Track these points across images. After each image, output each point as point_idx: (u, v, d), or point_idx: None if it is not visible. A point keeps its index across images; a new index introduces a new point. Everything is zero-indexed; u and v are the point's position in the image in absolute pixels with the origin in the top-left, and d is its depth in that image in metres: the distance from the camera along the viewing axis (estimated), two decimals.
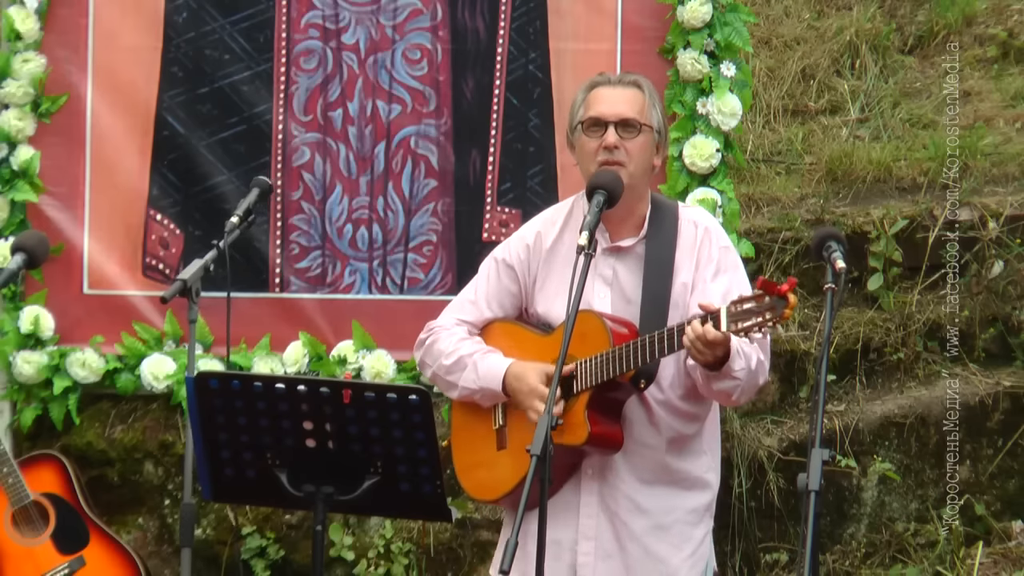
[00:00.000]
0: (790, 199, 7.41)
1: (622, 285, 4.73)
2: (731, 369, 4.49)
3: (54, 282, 6.61)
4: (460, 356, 4.82)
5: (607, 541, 4.69)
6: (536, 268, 4.83)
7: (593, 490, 4.71)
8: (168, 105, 6.65)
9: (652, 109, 4.75)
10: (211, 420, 4.43)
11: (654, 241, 4.72)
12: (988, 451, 6.76)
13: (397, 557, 6.65)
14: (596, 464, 4.70)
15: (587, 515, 4.70)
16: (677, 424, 4.71)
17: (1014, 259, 6.99)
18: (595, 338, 4.58)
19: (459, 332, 4.89)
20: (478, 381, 4.78)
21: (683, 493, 4.74)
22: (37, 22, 6.59)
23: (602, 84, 4.79)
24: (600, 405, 4.61)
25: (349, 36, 6.64)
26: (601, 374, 4.56)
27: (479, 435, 4.87)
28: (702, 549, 4.76)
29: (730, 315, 4.34)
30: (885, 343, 6.94)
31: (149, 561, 6.61)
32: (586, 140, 4.73)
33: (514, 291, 4.88)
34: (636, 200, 4.75)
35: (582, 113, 4.76)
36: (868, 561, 6.68)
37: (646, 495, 4.70)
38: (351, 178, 6.65)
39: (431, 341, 4.92)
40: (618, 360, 4.53)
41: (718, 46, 6.46)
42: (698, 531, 4.75)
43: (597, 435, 4.59)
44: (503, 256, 4.90)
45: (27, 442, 6.71)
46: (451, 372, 4.84)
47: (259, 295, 6.62)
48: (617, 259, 4.75)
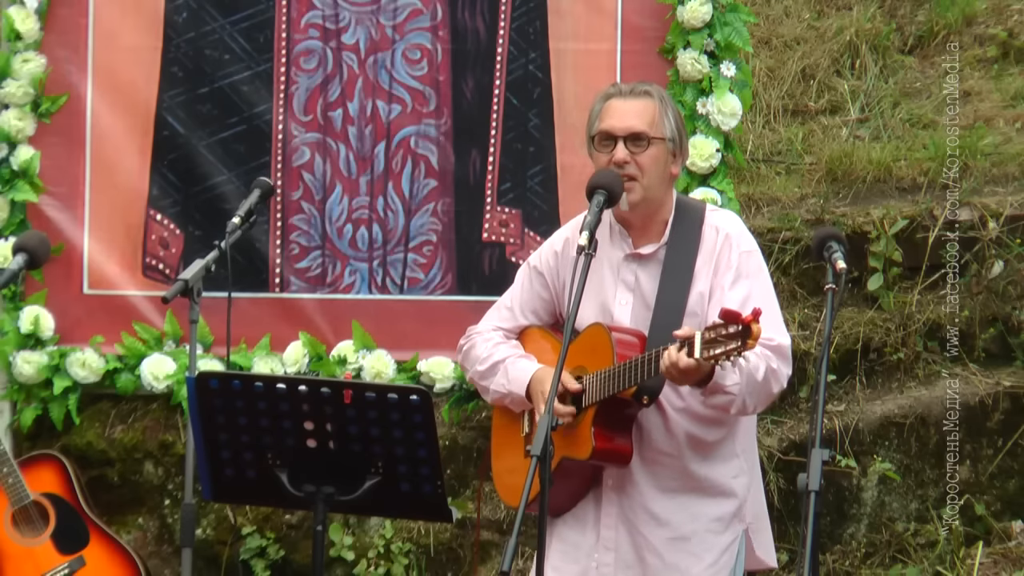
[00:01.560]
0: (790, 199, 7.41)
1: (643, 292, 4.74)
2: (721, 385, 4.50)
3: (54, 282, 6.61)
4: (494, 362, 4.89)
5: (626, 552, 4.71)
6: (565, 274, 4.85)
7: (613, 500, 4.73)
8: (168, 105, 6.65)
9: (664, 118, 4.74)
10: (211, 420, 4.43)
11: (674, 248, 4.73)
12: (988, 451, 6.76)
13: (397, 557, 6.66)
14: (616, 475, 4.72)
15: (607, 526, 4.72)
16: (697, 430, 4.70)
17: (1014, 259, 6.99)
18: (602, 352, 4.62)
19: (495, 337, 4.95)
20: (507, 386, 4.85)
21: (707, 500, 4.73)
22: (37, 22, 6.59)
23: (615, 96, 4.80)
24: (606, 420, 4.63)
25: (349, 36, 6.64)
26: (604, 390, 4.60)
27: (511, 441, 4.93)
28: (725, 557, 4.74)
29: (704, 342, 4.34)
30: (885, 343, 6.94)
31: (149, 561, 6.61)
32: (598, 155, 4.75)
33: (546, 297, 4.93)
34: (656, 208, 4.75)
35: (596, 126, 4.77)
36: (868, 561, 6.68)
37: (666, 505, 4.70)
38: (351, 178, 6.65)
39: (468, 347, 5.00)
40: (619, 378, 4.55)
41: (718, 46, 6.46)
42: (722, 539, 4.74)
43: (601, 450, 4.62)
44: (535, 263, 4.96)
45: (27, 442, 6.71)
46: (485, 377, 4.91)
47: (259, 295, 6.62)
48: (639, 266, 4.76)
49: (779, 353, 4.60)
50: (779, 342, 4.61)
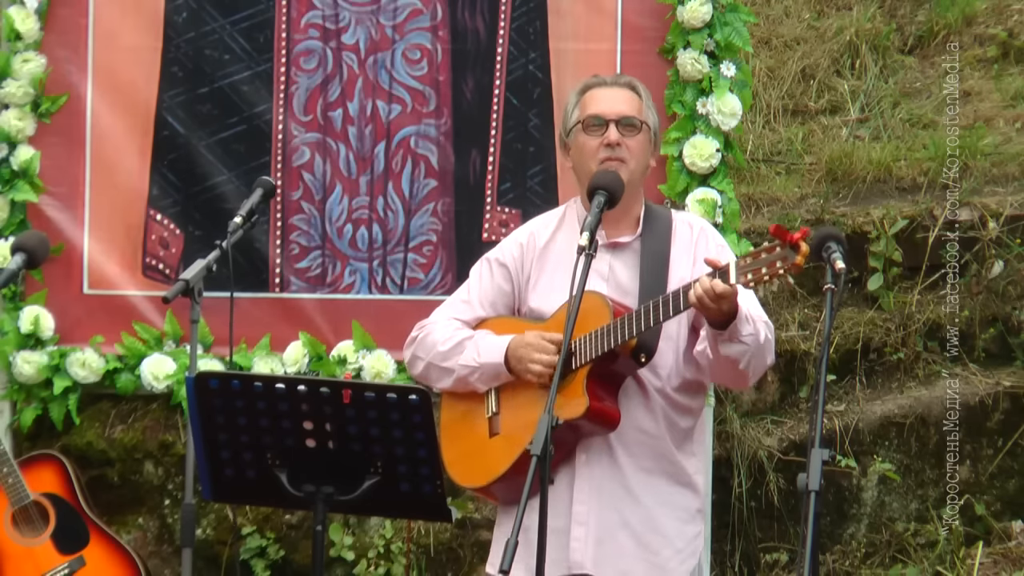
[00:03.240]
0: (790, 199, 7.41)
1: (618, 279, 4.74)
2: (739, 332, 4.50)
3: (54, 282, 6.61)
4: (460, 340, 4.82)
5: (598, 527, 4.68)
6: (530, 266, 4.85)
7: (585, 476, 4.69)
8: (168, 105, 6.65)
9: (648, 109, 4.82)
10: (211, 420, 4.43)
11: (649, 237, 4.76)
12: (988, 451, 6.76)
13: (397, 557, 6.66)
14: (590, 450, 4.69)
15: (579, 501, 4.69)
16: (673, 414, 4.72)
17: (1014, 259, 6.99)
18: (596, 314, 4.58)
19: (455, 324, 4.90)
20: (479, 358, 4.76)
21: (677, 488, 4.74)
22: (37, 22, 6.59)
23: (597, 85, 4.83)
24: (600, 379, 4.60)
25: (349, 36, 6.64)
26: (601, 345, 4.56)
27: (470, 425, 4.84)
28: (694, 546, 4.76)
29: (739, 268, 4.35)
30: (885, 343, 6.94)
31: (149, 561, 6.61)
32: (586, 139, 4.74)
33: (507, 290, 4.89)
34: (633, 199, 4.78)
35: (578, 114, 4.79)
36: (868, 561, 6.68)
37: (641, 484, 4.70)
38: (351, 178, 6.64)
39: (424, 335, 4.92)
40: (620, 329, 4.53)
41: (718, 46, 6.46)
42: (689, 528, 4.76)
43: (596, 409, 4.58)
44: (496, 256, 4.93)
45: (27, 442, 6.71)
46: (448, 357, 4.81)
47: (259, 295, 6.62)
48: (613, 255, 4.77)
49: (769, 328, 4.64)
50: (767, 320, 4.65)
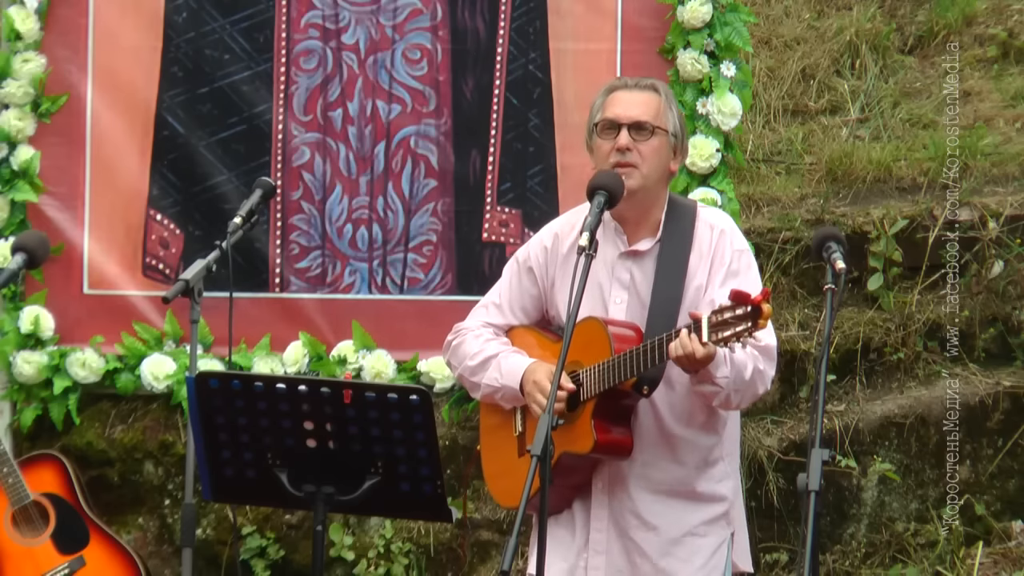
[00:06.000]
0: (790, 199, 7.41)
1: (638, 289, 4.73)
2: (712, 375, 4.50)
3: (54, 282, 6.61)
4: (486, 356, 4.85)
5: (617, 556, 4.70)
6: (553, 271, 4.85)
7: (603, 503, 4.72)
8: (168, 105, 6.65)
9: (668, 112, 4.76)
10: (211, 420, 4.43)
11: (668, 244, 4.73)
12: (988, 451, 6.76)
13: (397, 557, 6.66)
14: (606, 477, 4.71)
15: (597, 529, 4.71)
16: (688, 434, 4.70)
17: (1014, 259, 6.98)
18: (599, 346, 4.60)
19: (485, 333, 4.91)
20: (500, 380, 4.80)
21: (695, 505, 4.73)
22: (37, 22, 6.59)
23: (619, 88, 4.82)
24: (606, 412, 4.62)
25: (349, 36, 6.64)
26: (603, 382, 4.58)
27: (503, 442, 4.89)
28: (715, 560, 4.74)
29: (711, 325, 4.34)
30: (885, 343, 6.94)
31: (149, 561, 6.61)
32: (601, 142, 4.75)
33: (534, 293, 4.90)
34: (652, 203, 4.76)
35: (599, 115, 4.78)
36: (868, 561, 6.68)
37: (655, 510, 4.70)
38: (351, 178, 6.65)
39: (457, 343, 4.95)
40: (619, 368, 4.54)
41: (718, 46, 6.46)
42: (710, 541, 4.73)
43: (604, 443, 4.61)
44: (524, 258, 4.93)
45: (27, 442, 6.71)
46: (475, 373, 4.86)
47: (259, 295, 6.62)
48: (634, 263, 4.75)
49: (766, 354, 4.60)
50: (767, 343, 4.60)
